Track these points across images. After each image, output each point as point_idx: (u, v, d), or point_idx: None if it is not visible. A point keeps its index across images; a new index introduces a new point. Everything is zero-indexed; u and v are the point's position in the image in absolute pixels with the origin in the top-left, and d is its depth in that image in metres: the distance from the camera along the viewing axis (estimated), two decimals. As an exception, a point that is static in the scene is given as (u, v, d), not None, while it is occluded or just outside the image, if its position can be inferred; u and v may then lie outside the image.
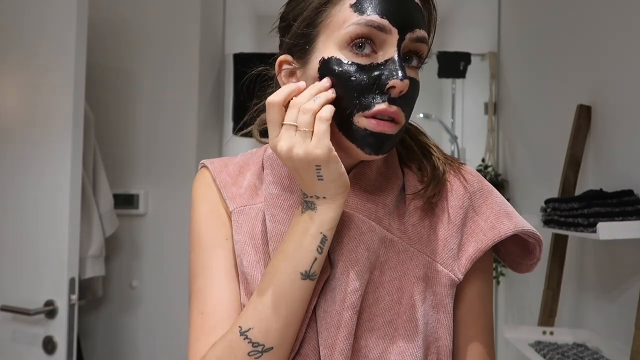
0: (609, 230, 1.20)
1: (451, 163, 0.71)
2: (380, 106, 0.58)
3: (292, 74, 0.65)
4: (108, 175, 1.92)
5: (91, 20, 1.61)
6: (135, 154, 2.07)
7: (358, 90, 0.58)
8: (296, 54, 0.64)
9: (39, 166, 1.52)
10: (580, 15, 1.68)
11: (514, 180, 2.26)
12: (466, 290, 0.67)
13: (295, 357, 0.62)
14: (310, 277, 0.59)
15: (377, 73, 0.58)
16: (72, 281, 1.50)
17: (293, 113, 0.57)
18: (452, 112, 2.86)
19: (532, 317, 1.93)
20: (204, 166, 0.75)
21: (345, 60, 0.58)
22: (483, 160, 2.44)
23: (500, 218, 0.67)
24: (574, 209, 1.36)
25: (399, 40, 0.59)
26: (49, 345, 1.47)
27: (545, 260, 1.64)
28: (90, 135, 1.82)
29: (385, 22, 0.58)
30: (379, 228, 0.63)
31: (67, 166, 1.49)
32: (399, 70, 0.57)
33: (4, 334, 1.55)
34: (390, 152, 0.67)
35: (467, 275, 0.66)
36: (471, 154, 2.72)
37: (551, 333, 1.54)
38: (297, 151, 0.56)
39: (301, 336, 0.62)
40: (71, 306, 1.49)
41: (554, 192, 1.68)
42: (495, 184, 2.28)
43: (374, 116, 0.58)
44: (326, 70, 0.59)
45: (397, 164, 0.70)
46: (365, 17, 0.58)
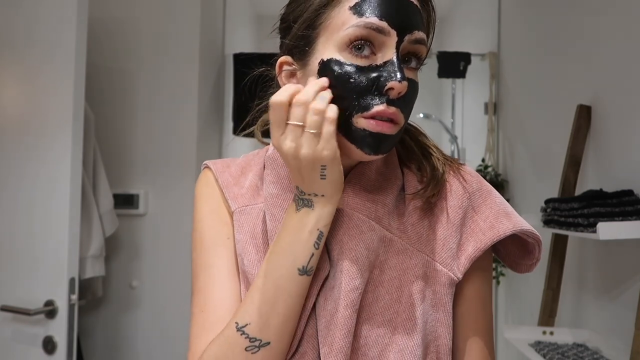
0: (609, 230, 1.20)
1: (451, 163, 0.71)
2: (379, 107, 0.58)
3: (292, 75, 0.65)
4: (108, 175, 1.92)
5: (91, 20, 1.61)
6: (135, 154, 2.07)
7: (357, 92, 0.58)
8: (296, 55, 0.64)
9: (39, 166, 1.52)
10: (580, 15, 1.68)
11: (514, 180, 2.26)
12: (465, 289, 0.68)
13: (295, 355, 0.62)
14: (307, 272, 0.60)
15: (376, 74, 0.59)
16: (72, 281, 1.50)
17: (299, 112, 0.57)
18: (452, 112, 2.86)
19: (532, 317, 1.93)
20: (207, 167, 0.75)
21: (345, 61, 0.59)
22: (483, 160, 2.44)
23: (499, 218, 0.67)
24: (574, 209, 1.36)
25: (397, 42, 0.59)
26: (49, 345, 1.47)
27: (545, 260, 1.64)
28: (90, 135, 1.82)
29: (384, 24, 0.58)
30: (378, 227, 0.64)
31: (67, 166, 1.49)
32: (398, 72, 0.58)
33: (4, 334, 1.55)
34: (389, 152, 0.67)
35: (467, 275, 0.67)
36: (471, 154, 2.72)
37: (551, 333, 1.54)
38: (304, 152, 0.57)
39: (300, 334, 0.62)
40: (71, 306, 1.49)
41: (554, 192, 1.68)
42: (495, 184, 2.27)
43: (372, 117, 0.59)
44: (325, 71, 0.60)
45: (397, 164, 0.70)
46: (364, 20, 0.58)
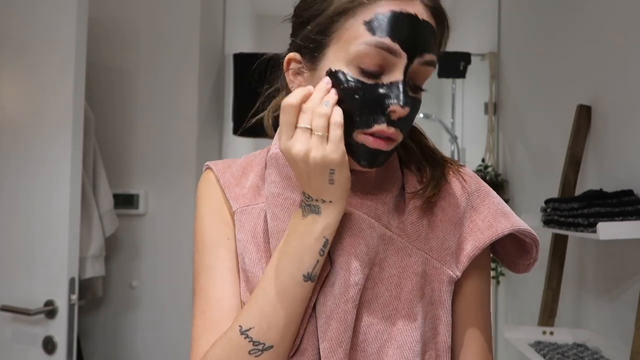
0: (609, 230, 1.20)
1: (450, 165, 0.72)
2: (380, 127, 0.59)
3: (299, 73, 0.66)
4: (108, 175, 1.92)
5: (91, 20, 1.60)
6: (135, 154, 2.07)
7: (359, 108, 0.59)
8: (305, 56, 0.64)
9: (38, 166, 1.52)
10: (580, 15, 1.68)
11: (514, 180, 2.26)
12: (464, 287, 0.69)
13: (295, 353, 0.63)
14: (311, 278, 0.61)
15: (380, 93, 0.59)
16: (72, 281, 1.50)
17: (308, 117, 0.58)
18: (452, 112, 2.86)
19: (532, 317, 1.93)
20: (209, 168, 0.76)
21: (352, 76, 0.59)
22: (483, 160, 2.44)
23: (497, 217, 0.68)
24: (574, 209, 1.36)
25: (407, 64, 0.59)
26: (49, 345, 1.47)
27: (545, 260, 1.64)
28: (90, 135, 1.82)
29: (396, 46, 0.58)
30: (378, 225, 0.64)
31: (67, 166, 1.49)
32: (402, 96, 0.58)
33: (4, 334, 1.55)
34: None
35: (465, 273, 0.68)
36: (471, 154, 2.72)
37: (551, 333, 1.54)
38: (314, 155, 0.57)
39: (301, 333, 0.63)
40: (71, 306, 1.49)
41: (554, 192, 1.68)
42: (495, 184, 2.28)
43: (372, 134, 0.60)
44: (332, 81, 0.60)
45: (397, 164, 0.71)
46: (377, 38, 0.58)
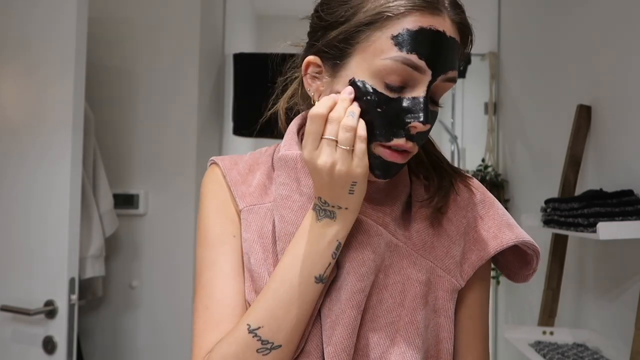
0: (609, 230, 1.20)
1: (458, 175, 0.73)
2: (399, 141, 0.60)
3: (317, 78, 0.65)
4: (108, 175, 1.92)
5: (91, 20, 1.60)
6: (135, 154, 2.07)
7: (380, 121, 0.59)
8: (326, 61, 0.63)
9: (38, 166, 1.52)
10: (580, 15, 1.68)
11: (514, 180, 2.26)
12: (467, 297, 0.70)
13: (300, 354, 0.64)
14: (322, 280, 0.62)
15: (402, 108, 0.59)
16: (72, 281, 1.50)
17: (334, 128, 0.58)
18: (452, 112, 2.86)
19: (532, 317, 1.93)
20: (214, 163, 0.75)
21: (375, 89, 0.59)
22: (483, 160, 2.43)
23: (502, 228, 0.69)
24: (574, 209, 1.36)
25: (430, 81, 0.59)
26: (49, 345, 1.47)
27: (545, 260, 1.64)
28: (90, 135, 1.82)
29: (422, 63, 0.58)
30: (385, 233, 0.65)
31: (67, 166, 1.49)
32: (423, 113, 0.58)
33: (4, 334, 1.55)
34: None
35: (468, 282, 0.69)
36: (471, 154, 2.72)
37: (551, 333, 1.54)
38: (339, 168, 0.58)
39: (307, 334, 0.63)
40: (71, 306, 1.49)
41: (554, 192, 1.68)
42: (495, 184, 2.28)
43: (389, 147, 0.60)
44: (354, 91, 0.60)
45: (406, 173, 0.72)
46: (403, 55, 0.57)
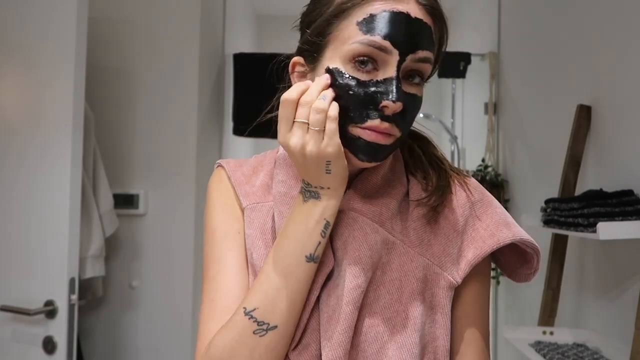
0: (609, 230, 1.20)
1: (457, 175, 0.74)
2: (373, 122, 0.61)
3: (303, 76, 0.68)
4: (108, 175, 1.92)
5: (91, 20, 1.60)
6: (135, 154, 2.07)
7: (354, 104, 0.61)
8: (307, 58, 0.68)
9: (38, 166, 1.52)
10: (580, 15, 1.68)
11: (514, 180, 2.26)
12: (464, 293, 0.70)
13: (297, 346, 0.65)
14: (314, 259, 0.63)
15: (374, 90, 0.61)
16: (72, 281, 1.50)
17: (304, 111, 0.60)
18: (452, 112, 2.86)
19: (532, 317, 1.93)
20: (220, 165, 0.79)
21: (347, 73, 0.61)
22: (483, 160, 2.43)
23: (499, 227, 0.70)
24: (574, 209, 1.36)
25: (399, 61, 0.61)
26: (49, 345, 1.47)
27: (545, 260, 1.64)
28: (90, 135, 1.82)
29: (386, 43, 0.60)
30: (382, 230, 0.66)
31: (67, 166, 1.49)
32: (394, 91, 0.60)
33: (4, 334, 1.55)
34: (397, 160, 0.71)
35: (466, 279, 0.69)
36: (471, 154, 2.72)
37: (551, 333, 1.54)
38: (310, 149, 0.60)
39: (302, 326, 0.65)
40: (71, 306, 1.49)
41: (554, 192, 1.68)
42: (495, 184, 2.28)
43: (366, 129, 0.61)
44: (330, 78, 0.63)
45: (403, 171, 0.73)
46: (367, 37, 0.60)
